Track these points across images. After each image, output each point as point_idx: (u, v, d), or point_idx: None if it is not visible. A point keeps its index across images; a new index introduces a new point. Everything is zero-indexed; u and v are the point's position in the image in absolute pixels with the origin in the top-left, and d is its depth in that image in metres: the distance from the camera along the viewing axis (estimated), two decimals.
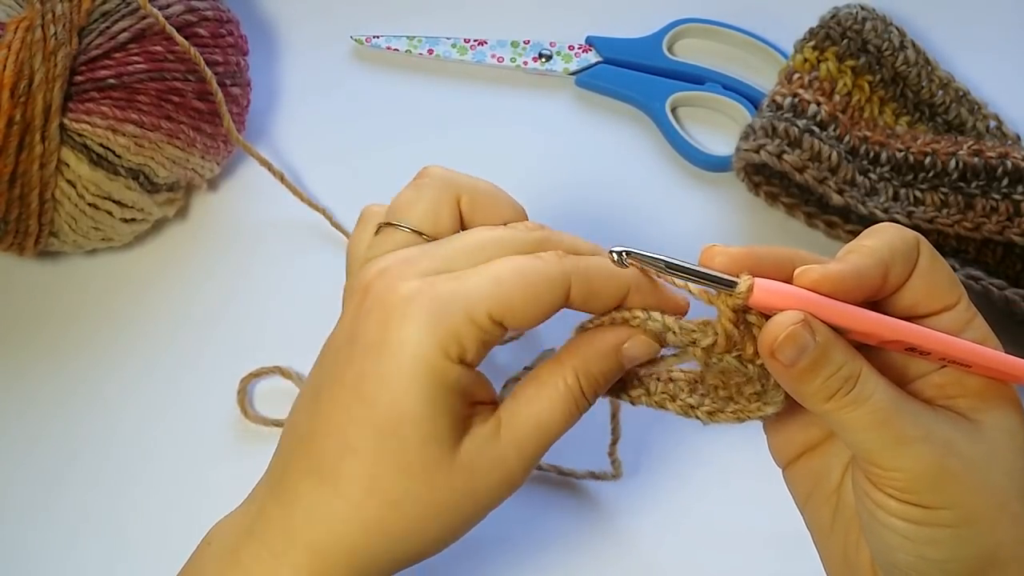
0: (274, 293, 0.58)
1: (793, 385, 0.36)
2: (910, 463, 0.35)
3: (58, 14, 0.51)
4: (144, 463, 0.55)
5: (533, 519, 0.53)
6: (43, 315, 0.58)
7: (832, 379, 0.35)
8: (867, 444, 0.35)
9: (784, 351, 0.35)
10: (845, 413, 0.35)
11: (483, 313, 0.36)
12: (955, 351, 0.36)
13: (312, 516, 0.37)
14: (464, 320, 0.36)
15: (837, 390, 0.35)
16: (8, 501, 0.54)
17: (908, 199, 0.55)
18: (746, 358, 0.37)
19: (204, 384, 0.56)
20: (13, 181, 0.51)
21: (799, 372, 0.35)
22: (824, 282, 0.35)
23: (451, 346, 0.36)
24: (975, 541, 0.35)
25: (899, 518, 0.36)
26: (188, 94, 0.54)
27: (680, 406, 0.40)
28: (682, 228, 0.60)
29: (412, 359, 0.36)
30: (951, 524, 0.35)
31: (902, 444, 0.35)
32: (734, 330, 0.36)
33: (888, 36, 0.59)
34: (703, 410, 0.40)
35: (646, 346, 0.39)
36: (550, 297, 0.38)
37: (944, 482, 0.35)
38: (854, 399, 0.35)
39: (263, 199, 0.60)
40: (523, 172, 0.61)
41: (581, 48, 0.64)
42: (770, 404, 0.39)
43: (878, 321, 0.36)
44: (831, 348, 0.35)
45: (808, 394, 0.36)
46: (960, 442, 0.36)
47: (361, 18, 0.65)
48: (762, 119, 0.56)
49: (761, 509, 0.50)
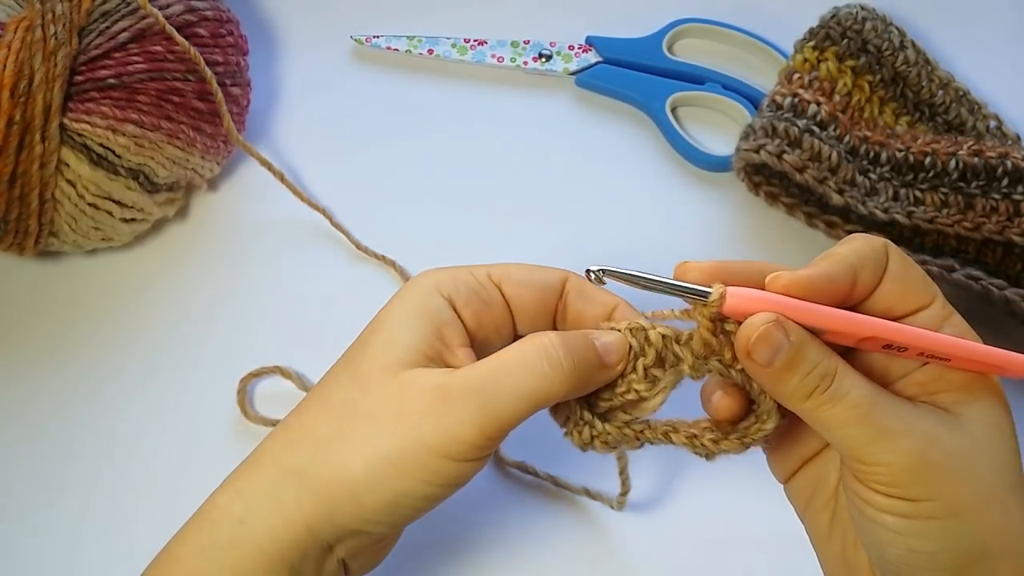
0: (274, 293, 0.58)
1: (772, 385, 0.37)
2: (892, 456, 0.35)
3: (58, 14, 0.51)
4: (144, 463, 0.55)
5: (530, 521, 0.53)
6: (43, 315, 0.58)
7: (809, 377, 0.36)
8: (849, 440, 0.36)
9: (758, 351, 0.36)
10: (825, 410, 0.36)
11: (483, 271, 0.42)
12: (931, 344, 0.37)
13: (272, 434, 0.41)
14: (464, 271, 0.42)
15: (815, 388, 0.36)
16: (8, 500, 0.54)
17: (908, 199, 0.55)
18: (726, 363, 0.38)
19: (204, 384, 0.56)
20: (13, 181, 0.51)
21: (776, 372, 0.36)
22: (794, 286, 0.36)
23: (445, 283, 0.41)
24: (963, 532, 0.36)
25: (886, 512, 0.36)
26: (188, 94, 0.54)
27: (685, 436, 0.40)
28: (682, 228, 0.60)
29: (407, 287, 0.42)
30: (937, 516, 0.36)
31: (883, 438, 0.35)
32: (711, 337, 0.38)
33: (888, 36, 0.59)
34: (707, 438, 0.40)
35: (617, 338, 0.40)
36: (549, 276, 0.43)
37: (927, 474, 0.35)
38: (832, 396, 0.36)
39: (263, 199, 0.60)
40: (522, 173, 0.61)
41: (581, 48, 0.64)
42: (768, 419, 0.39)
43: (850, 319, 0.37)
44: (805, 347, 0.36)
45: (787, 394, 0.37)
46: (943, 435, 0.36)
47: (361, 18, 0.65)
48: (762, 119, 0.56)
49: (757, 511, 0.50)
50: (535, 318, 0.43)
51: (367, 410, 0.38)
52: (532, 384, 0.38)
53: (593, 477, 0.53)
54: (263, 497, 0.39)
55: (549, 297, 0.43)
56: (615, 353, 0.40)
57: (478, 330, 0.42)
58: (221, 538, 0.39)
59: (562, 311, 0.43)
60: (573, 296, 0.43)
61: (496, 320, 0.42)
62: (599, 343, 0.40)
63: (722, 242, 0.59)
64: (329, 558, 0.40)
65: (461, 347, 0.40)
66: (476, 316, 0.41)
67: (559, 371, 0.38)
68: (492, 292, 0.42)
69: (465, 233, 0.60)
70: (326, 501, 0.38)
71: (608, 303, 0.43)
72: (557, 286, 0.43)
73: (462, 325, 0.41)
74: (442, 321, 0.40)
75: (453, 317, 0.41)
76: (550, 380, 0.38)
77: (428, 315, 0.40)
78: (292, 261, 0.59)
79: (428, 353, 0.39)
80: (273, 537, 0.38)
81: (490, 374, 0.38)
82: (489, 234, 0.60)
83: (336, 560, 0.40)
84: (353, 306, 0.46)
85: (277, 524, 0.38)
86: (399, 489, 0.38)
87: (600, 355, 0.39)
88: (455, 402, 0.37)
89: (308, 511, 0.38)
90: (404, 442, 0.37)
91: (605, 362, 0.40)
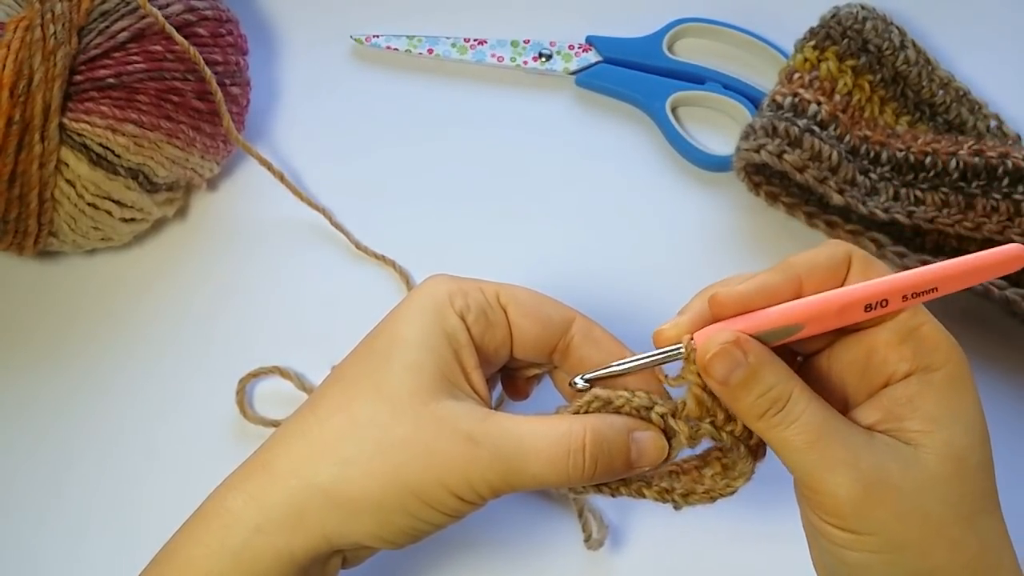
0: (274, 293, 0.58)
1: (729, 401, 0.38)
2: (835, 488, 0.36)
3: (57, 14, 0.51)
4: (143, 463, 0.55)
5: (530, 521, 0.53)
6: (42, 315, 0.58)
7: (763, 398, 0.37)
8: (797, 466, 0.37)
9: (714, 367, 0.37)
10: (776, 432, 0.37)
11: (492, 290, 0.42)
12: (910, 282, 0.37)
13: (284, 438, 0.41)
14: (474, 287, 0.42)
15: (766, 410, 0.37)
16: (8, 500, 0.54)
17: (909, 199, 0.55)
18: (718, 424, 0.39)
19: (203, 384, 0.56)
20: (12, 181, 0.51)
21: (732, 389, 0.37)
22: (729, 303, 0.37)
23: (457, 297, 0.41)
24: (906, 566, 0.36)
25: (831, 541, 0.37)
26: (187, 94, 0.54)
27: (656, 491, 0.42)
28: (682, 228, 0.60)
29: (420, 296, 0.41)
30: (878, 550, 0.36)
31: (828, 468, 0.36)
32: (704, 395, 0.39)
33: (888, 36, 0.59)
34: (677, 494, 0.42)
35: (656, 440, 0.40)
36: (555, 313, 0.42)
37: (868, 509, 0.36)
38: (782, 419, 0.36)
39: (263, 199, 0.60)
40: (522, 172, 0.61)
41: (581, 48, 0.64)
42: (739, 477, 0.41)
43: (814, 303, 0.37)
44: (762, 368, 0.37)
45: (742, 411, 0.38)
46: (892, 469, 0.36)
47: (361, 18, 0.65)
48: (762, 119, 0.55)
49: (759, 511, 0.50)
50: (534, 349, 0.43)
51: (399, 439, 0.39)
52: (552, 478, 0.39)
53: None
54: (283, 506, 0.39)
55: (552, 333, 0.43)
56: (647, 457, 0.40)
57: (480, 348, 0.42)
58: (234, 543, 0.39)
59: (564, 350, 0.43)
60: (579, 339, 0.43)
61: (497, 342, 0.42)
62: (635, 446, 0.40)
63: (722, 242, 0.59)
64: (334, 557, 0.41)
65: (475, 370, 0.41)
66: (480, 335, 0.42)
67: (579, 474, 0.39)
68: (499, 315, 0.42)
69: (465, 232, 0.60)
70: (349, 519, 0.39)
71: (616, 354, 0.43)
72: (562, 325, 0.43)
73: (474, 347, 0.41)
74: (459, 344, 0.41)
75: (468, 340, 0.41)
76: (569, 479, 0.39)
77: (447, 337, 0.40)
78: (292, 261, 0.59)
79: (449, 377, 0.40)
80: (290, 545, 0.39)
81: (518, 450, 0.39)
82: (489, 233, 0.60)
83: (340, 557, 0.42)
84: (353, 306, 0.46)
85: (296, 535, 0.39)
86: (419, 515, 0.39)
87: (632, 460, 0.40)
88: (482, 461, 0.38)
89: (329, 526, 0.39)
90: (430, 481, 0.38)
91: (633, 465, 0.40)
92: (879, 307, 0.37)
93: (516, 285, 0.43)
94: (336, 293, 0.58)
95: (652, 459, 0.40)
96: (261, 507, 0.39)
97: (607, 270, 0.58)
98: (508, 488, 0.39)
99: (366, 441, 0.39)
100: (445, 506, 0.39)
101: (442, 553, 0.53)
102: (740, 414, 0.38)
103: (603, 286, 0.58)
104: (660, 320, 0.40)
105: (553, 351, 0.43)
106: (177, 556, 0.40)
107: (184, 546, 0.40)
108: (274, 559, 0.39)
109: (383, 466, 0.38)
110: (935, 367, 0.37)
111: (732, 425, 0.39)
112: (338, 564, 0.42)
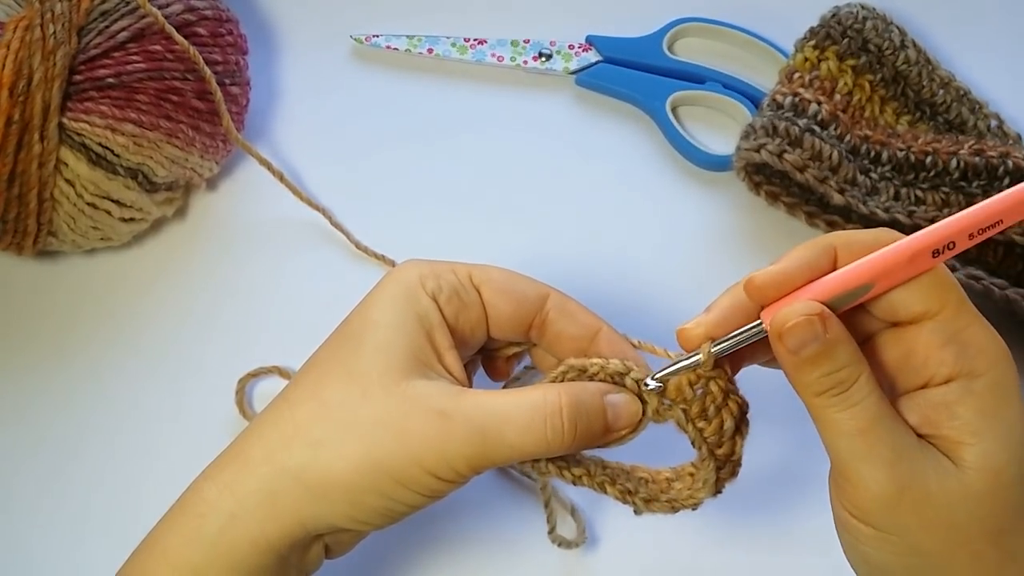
0: (273, 293, 0.58)
1: (792, 372, 0.37)
2: (869, 481, 0.35)
3: (57, 13, 0.51)
4: (142, 463, 0.55)
5: (529, 521, 0.53)
6: (42, 315, 0.58)
7: (828, 377, 0.36)
8: (840, 451, 0.36)
9: (791, 336, 0.35)
10: (830, 412, 0.36)
11: (465, 271, 0.42)
12: (975, 219, 0.35)
13: (258, 427, 0.41)
14: (447, 268, 0.42)
15: (828, 388, 0.36)
16: (8, 500, 0.54)
17: (909, 198, 0.55)
18: (691, 415, 0.39)
19: (203, 384, 0.56)
20: (12, 180, 0.51)
21: (801, 361, 0.36)
22: (769, 284, 0.36)
23: (428, 279, 0.41)
24: (925, 573, 0.36)
25: (855, 537, 0.37)
26: (187, 93, 0.54)
27: (619, 490, 0.41)
28: (682, 228, 0.60)
29: (392, 280, 0.41)
30: (899, 553, 0.36)
31: (869, 460, 0.35)
32: (686, 387, 0.39)
33: (889, 35, 0.59)
34: (639, 497, 0.41)
35: (631, 402, 0.40)
36: (529, 289, 0.43)
37: (897, 511, 0.35)
38: (841, 401, 0.36)
39: (262, 199, 0.60)
40: (522, 172, 0.61)
41: (581, 47, 0.64)
42: (702, 488, 0.40)
43: (880, 257, 0.36)
44: (838, 347, 0.35)
45: (803, 384, 0.36)
46: (930, 476, 0.35)
47: (361, 17, 0.65)
48: (763, 118, 0.55)
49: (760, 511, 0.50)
50: (510, 327, 0.43)
51: (368, 419, 0.38)
52: (531, 446, 0.39)
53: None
54: (256, 493, 0.39)
55: (526, 310, 0.43)
56: (623, 420, 0.40)
57: (455, 329, 0.42)
58: (210, 531, 0.39)
59: (540, 326, 0.43)
60: (555, 314, 0.43)
61: (472, 322, 0.42)
62: (611, 409, 0.40)
63: (722, 242, 0.59)
64: (315, 545, 0.41)
65: (449, 350, 0.41)
66: (455, 315, 0.42)
67: (559, 439, 0.39)
68: (472, 295, 0.42)
69: (464, 232, 0.59)
70: (322, 501, 0.39)
71: (591, 326, 0.43)
72: (536, 301, 0.43)
73: (447, 327, 0.41)
74: (432, 324, 0.41)
75: (441, 320, 0.41)
76: (549, 445, 0.39)
77: (418, 318, 0.40)
78: (291, 261, 0.59)
79: (421, 358, 0.40)
80: (265, 531, 0.39)
81: (493, 420, 0.38)
82: (488, 232, 0.59)
83: (321, 545, 0.42)
84: (352, 306, 0.46)
85: (270, 520, 0.39)
86: (394, 496, 0.39)
87: (609, 423, 0.40)
88: (456, 436, 0.38)
89: (303, 510, 0.39)
90: (403, 460, 0.38)
91: (611, 428, 0.40)
92: (946, 251, 0.35)
93: (490, 265, 0.43)
94: (336, 293, 0.58)
95: (627, 421, 0.40)
96: (235, 495, 0.39)
97: (607, 269, 0.58)
98: (486, 462, 0.38)
99: (337, 423, 0.39)
100: (421, 486, 0.38)
101: (442, 552, 0.53)
102: (797, 386, 0.37)
103: (603, 286, 0.58)
104: (660, 319, 0.40)
105: (530, 328, 0.43)
106: (155, 546, 0.41)
107: (161, 536, 0.41)
108: (250, 546, 0.39)
109: (355, 447, 0.38)
110: (978, 373, 0.36)
111: (704, 424, 0.39)
112: (320, 553, 0.42)
